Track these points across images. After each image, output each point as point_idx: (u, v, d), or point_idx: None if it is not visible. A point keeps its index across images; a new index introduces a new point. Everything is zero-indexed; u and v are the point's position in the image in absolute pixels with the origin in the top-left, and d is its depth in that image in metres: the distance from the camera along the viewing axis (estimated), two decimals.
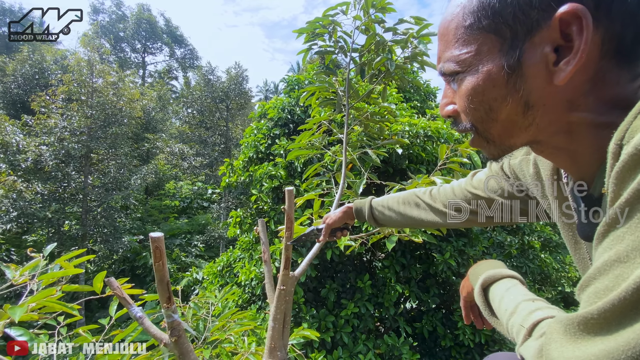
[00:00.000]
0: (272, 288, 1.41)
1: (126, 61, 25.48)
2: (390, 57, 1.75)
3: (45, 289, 1.12)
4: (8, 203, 8.96)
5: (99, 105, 10.28)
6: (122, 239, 10.53)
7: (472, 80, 0.43)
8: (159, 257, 0.88)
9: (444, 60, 0.46)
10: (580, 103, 0.40)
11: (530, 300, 0.50)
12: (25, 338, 0.90)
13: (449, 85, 0.49)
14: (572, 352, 0.32)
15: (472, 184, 0.79)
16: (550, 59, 0.39)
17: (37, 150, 9.56)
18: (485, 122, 0.46)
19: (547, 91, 0.40)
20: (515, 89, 0.41)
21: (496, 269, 0.61)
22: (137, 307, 1.00)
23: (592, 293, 0.31)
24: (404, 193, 0.96)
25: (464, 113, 0.47)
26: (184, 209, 16.59)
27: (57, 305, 0.98)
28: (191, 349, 0.97)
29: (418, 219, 0.90)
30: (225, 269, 5.10)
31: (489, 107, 0.44)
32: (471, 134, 0.50)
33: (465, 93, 0.45)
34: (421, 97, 6.21)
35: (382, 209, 0.97)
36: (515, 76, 0.41)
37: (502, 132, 0.46)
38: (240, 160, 5.23)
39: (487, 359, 0.66)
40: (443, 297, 4.55)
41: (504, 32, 0.40)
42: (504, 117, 0.44)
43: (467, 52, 0.43)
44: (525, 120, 0.43)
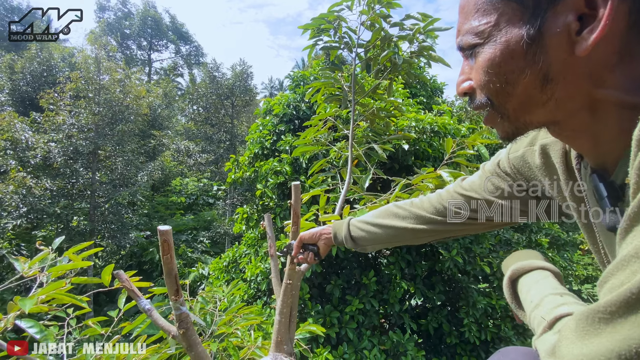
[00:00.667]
0: (278, 282, 1.42)
1: (132, 58, 25.65)
2: (396, 52, 1.73)
3: (55, 281, 1.14)
4: (18, 199, 9.11)
5: (106, 103, 10.38)
6: (129, 234, 10.66)
7: (490, 51, 0.42)
8: (167, 250, 0.89)
9: (463, 33, 0.45)
10: (606, 78, 0.38)
11: (558, 295, 0.49)
12: (35, 330, 0.91)
13: (466, 60, 0.48)
14: (580, 349, 0.31)
15: (463, 186, 0.75)
16: (573, 27, 0.37)
17: (46, 147, 9.69)
18: (501, 96, 0.44)
19: (568, 63, 0.38)
20: (535, 60, 0.39)
21: (527, 260, 0.59)
22: (145, 299, 1.01)
23: (607, 289, 0.30)
24: (382, 207, 0.91)
25: (479, 87, 0.46)
26: (189, 206, 16.73)
27: (67, 298, 1.00)
28: (199, 341, 0.98)
29: (399, 228, 0.82)
30: (231, 265, 5.14)
31: (506, 80, 0.42)
32: (486, 110, 0.48)
33: (483, 65, 0.43)
34: (427, 93, 6.16)
35: (360, 224, 0.90)
36: (535, 47, 0.39)
37: (518, 107, 0.44)
38: (246, 156, 5.24)
39: (500, 353, 0.64)
40: (449, 295, 4.53)
41: (526, 1, 0.39)
42: (521, 91, 0.42)
43: (487, 22, 0.42)
44: (544, 94, 0.41)
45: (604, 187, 0.45)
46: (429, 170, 1.51)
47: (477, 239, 4.41)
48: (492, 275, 4.49)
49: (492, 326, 4.26)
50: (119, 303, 1.31)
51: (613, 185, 0.44)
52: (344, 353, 3.62)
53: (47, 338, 0.90)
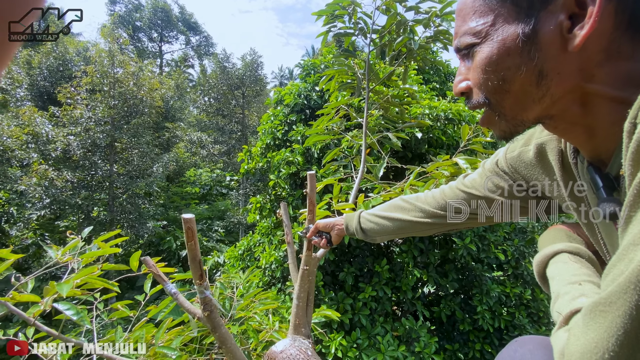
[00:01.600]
0: (295, 268, 1.45)
1: (144, 51, 25.86)
2: (412, 37, 1.70)
3: (85, 267, 1.21)
4: (41, 190, 9.48)
5: (121, 96, 10.57)
6: (146, 224, 10.98)
7: (487, 49, 0.44)
8: (191, 237, 0.93)
9: (461, 35, 0.47)
10: (595, 74, 0.40)
11: (577, 283, 0.49)
12: (72, 312, 0.98)
13: (463, 62, 0.50)
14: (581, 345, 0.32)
15: (465, 183, 0.77)
16: (565, 26, 0.39)
17: (66, 140, 9.99)
18: (498, 94, 0.45)
19: (561, 59, 0.41)
20: (530, 57, 0.41)
21: (549, 247, 0.59)
22: (171, 283, 1.06)
23: (609, 281, 0.31)
24: (389, 201, 0.95)
25: (477, 86, 0.47)
26: (204, 196, 17.06)
27: (99, 282, 1.06)
28: (222, 323, 1.03)
29: (406, 221, 0.86)
30: (245, 253, 5.25)
31: (503, 78, 0.44)
32: (483, 110, 0.50)
33: (480, 64, 0.45)
34: (441, 79, 6.02)
35: (370, 216, 0.95)
36: (530, 44, 0.41)
37: (515, 105, 0.46)
38: (258, 147, 5.28)
39: (517, 343, 0.64)
40: (462, 282, 4.53)
41: (521, 1, 0.41)
42: (518, 88, 0.44)
43: (484, 22, 0.44)
44: (539, 90, 0.43)
45: (599, 177, 0.47)
46: (444, 157, 1.50)
47: (491, 227, 4.36)
48: (507, 264, 4.45)
49: (506, 314, 4.25)
50: (144, 287, 1.38)
51: (608, 176, 0.45)
52: (357, 338, 3.69)
53: (83, 319, 0.96)
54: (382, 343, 3.61)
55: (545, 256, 0.58)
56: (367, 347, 3.63)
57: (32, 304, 1.07)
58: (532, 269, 4.36)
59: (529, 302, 4.31)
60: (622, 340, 0.28)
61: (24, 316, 1.04)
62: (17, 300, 0.95)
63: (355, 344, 3.66)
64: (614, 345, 0.28)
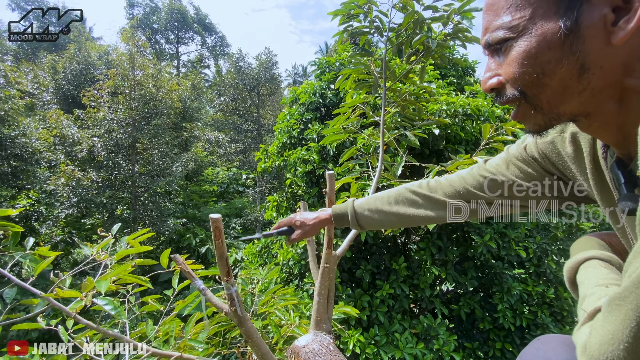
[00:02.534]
0: (315, 265, 1.49)
1: (161, 52, 26.52)
2: (430, 35, 1.69)
3: (117, 263, 1.28)
4: (69, 190, 9.93)
5: (141, 98, 10.90)
6: (167, 221, 11.32)
7: (525, 44, 0.43)
8: (219, 236, 0.98)
9: (492, 30, 0.46)
10: (635, 68, 0.40)
11: (603, 286, 0.49)
12: (110, 307, 1.04)
13: (492, 57, 0.49)
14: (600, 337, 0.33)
15: (487, 168, 0.74)
16: (609, 19, 0.39)
17: (90, 142, 10.41)
18: (535, 87, 0.45)
19: (604, 53, 0.40)
20: (572, 50, 0.41)
21: (579, 254, 0.58)
22: (199, 280, 1.11)
23: (627, 276, 0.32)
24: (392, 191, 0.88)
25: (511, 81, 0.47)
26: (221, 194, 17.41)
27: (132, 278, 1.12)
28: (248, 318, 1.08)
29: (415, 217, 0.82)
30: (263, 250, 5.35)
31: (542, 71, 0.43)
32: (515, 105, 0.49)
33: (517, 58, 0.44)
34: (458, 73, 5.89)
35: (370, 212, 0.89)
36: (572, 37, 0.40)
37: (553, 98, 0.45)
38: (275, 145, 5.35)
39: (540, 341, 0.64)
40: (481, 280, 4.46)
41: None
42: (557, 82, 0.43)
43: (521, 16, 0.43)
44: (580, 84, 0.43)
45: (622, 174, 0.47)
46: (465, 156, 1.49)
47: (512, 224, 4.27)
48: (528, 261, 4.34)
49: (528, 312, 4.16)
50: (172, 283, 1.44)
51: (632, 173, 0.46)
52: (375, 335, 3.71)
53: (121, 314, 1.03)
54: (400, 340, 3.61)
55: (576, 262, 0.58)
56: (385, 344, 3.64)
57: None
58: (554, 267, 4.25)
59: (552, 300, 4.20)
60: (635, 332, 0.29)
61: (65, 310, 1.12)
62: (60, 296, 1.03)
63: (373, 340, 3.67)
64: (628, 336, 0.30)
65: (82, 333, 1.36)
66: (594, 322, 0.37)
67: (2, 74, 9.70)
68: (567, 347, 0.57)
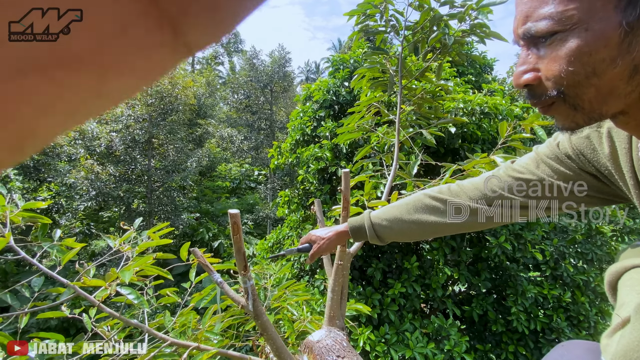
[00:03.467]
0: (329, 263, 1.50)
1: None
2: (447, 32, 1.67)
3: (139, 256, 1.33)
4: (88, 183, 10.25)
5: (157, 94, 11.13)
6: (181, 216, 11.56)
7: (577, 39, 0.39)
8: (237, 231, 1.00)
9: (536, 19, 0.41)
10: None
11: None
12: (133, 296, 1.09)
13: (529, 49, 0.45)
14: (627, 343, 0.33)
15: (515, 168, 0.70)
16: None
17: (108, 137, 10.71)
18: (580, 87, 0.42)
19: None
20: (629, 50, 0.38)
21: (623, 262, 0.56)
22: (217, 273, 1.14)
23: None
24: (409, 199, 0.83)
25: (553, 79, 0.43)
26: (233, 190, 17.64)
27: (154, 270, 1.16)
28: (264, 311, 1.10)
29: (438, 224, 0.76)
30: (275, 246, 5.41)
31: (593, 70, 0.40)
32: (552, 102, 0.46)
33: (566, 54, 0.40)
34: (476, 71, 5.78)
35: (387, 222, 0.83)
36: (632, 36, 0.38)
37: (597, 98, 0.42)
38: (288, 143, 5.39)
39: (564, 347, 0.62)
40: (495, 282, 4.39)
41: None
42: (606, 82, 0.40)
43: (575, 7, 0.39)
44: (628, 86, 0.40)
45: None
46: (482, 155, 1.47)
47: (528, 225, 4.18)
48: (545, 264, 4.25)
49: (543, 316, 4.07)
50: (190, 276, 1.49)
51: None
52: (385, 333, 3.71)
53: (143, 303, 1.07)
54: (410, 339, 3.61)
55: (623, 267, 0.55)
56: (395, 342, 3.64)
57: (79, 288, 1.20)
58: (572, 270, 4.14)
59: (568, 304, 4.11)
60: None
61: (90, 298, 1.17)
62: (87, 285, 1.08)
63: (383, 338, 3.68)
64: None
65: (103, 322, 1.42)
66: (624, 330, 0.36)
67: None
68: (591, 354, 0.55)
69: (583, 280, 4.19)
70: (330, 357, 1.04)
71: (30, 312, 1.21)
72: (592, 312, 4.12)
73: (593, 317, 4.08)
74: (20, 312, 1.24)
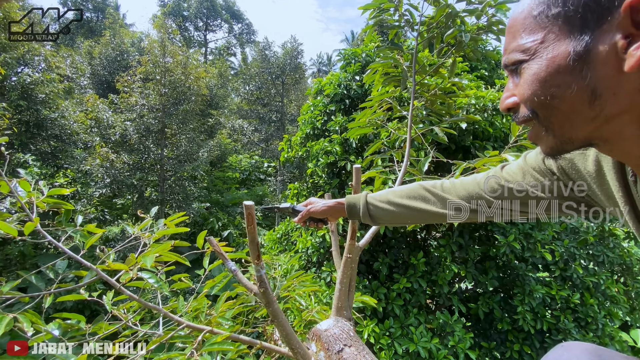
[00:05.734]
0: (338, 255, 1.54)
1: (190, 40, 27.06)
2: (463, 29, 1.66)
3: (155, 242, 1.38)
4: (103, 171, 10.51)
5: (171, 84, 11.26)
6: (192, 205, 11.78)
7: (535, 67, 0.44)
8: (251, 222, 1.04)
9: (509, 52, 0.47)
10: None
11: None
12: (153, 280, 1.15)
13: (511, 78, 0.50)
14: None
15: (504, 177, 0.74)
16: (620, 46, 0.38)
17: (123, 126, 10.91)
18: (547, 109, 0.45)
19: (616, 80, 0.39)
20: (582, 76, 0.41)
21: None
22: (231, 261, 1.19)
23: None
24: (406, 186, 0.91)
25: (525, 102, 0.47)
26: (243, 181, 17.84)
27: (172, 256, 1.22)
28: (275, 299, 1.15)
29: (426, 213, 0.85)
30: (283, 237, 5.49)
31: (552, 94, 0.43)
32: (530, 125, 0.50)
33: (529, 80, 0.45)
34: (490, 66, 5.67)
35: (382, 204, 0.91)
36: (581, 63, 0.40)
37: (564, 122, 0.45)
38: (298, 136, 5.42)
39: (563, 348, 0.63)
40: (503, 281, 4.38)
41: (573, 20, 0.40)
42: (568, 105, 0.43)
43: (534, 40, 0.44)
44: (592, 110, 0.42)
45: None
46: (493, 153, 1.48)
47: (538, 225, 4.14)
48: (554, 265, 4.21)
49: (550, 316, 4.05)
50: (204, 263, 1.55)
51: None
52: (390, 327, 3.76)
53: (162, 287, 1.13)
54: (415, 334, 3.65)
55: None
56: (399, 336, 3.69)
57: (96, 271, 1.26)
58: (582, 272, 4.10)
59: (576, 306, 4.08)
60: None
61: (112, 281, 1.24)
62: (111, 268, 1.14)
63: (387, 332, 3.73)
64: None
65: (121, 305, 1.50)
66: None
67: (43, 58, 10.28)
68: (590, 355, 0.56)
69: (593, 282, 4.14)
70: (338, 345, 1.08)
71: (53, 293, 1.28)
72: (601, 315, 4.08)
73: (601, 320, 4.04)
74: (45, 293, 1.32)
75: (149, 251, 1.16)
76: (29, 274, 1.41)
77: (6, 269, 8.51)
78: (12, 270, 8.43)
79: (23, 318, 1.03)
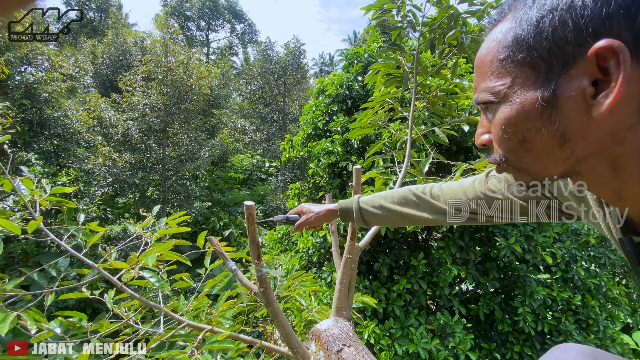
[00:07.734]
0: (338, 256, 1.55)
1: (192, 39, 27.13)
2: (465, 30, 1.67)
3: (157, 241, 1.39)
4: (105, 170, 10.55)
5: (173, 83, 11.29)
6: (193, 204, 11.80)
7: (505, 110, 0.44)
8: (251, 222, 1.05)
9: (480, 91, 0.47)
10: (626, 137, 0.39)
11: None
12: (155, 279, 1.16)
13: (484, 114, 0.50)
14: None
15: (488, 186, 0.75)
16: (588, 92, 0.38)
17: (125, 125, 10.95)
18: (518, 152, 0.45)
19: (585, 124, 0.39)
20: (551, 121, 0.40)
21: None
22: (232, 261, 1.20)
23: None
24: (396, 191, 0.93)
25: (497, 142, 0.48)
26: (245, 180, 17.87)
27: (173, 255, 1.23)
28: (275, 299, 1.15)
29: (417, 218, 0.88)
30: (284, 237, 5.50)
31: (523, 138, 0.44)
32: (503, 169, 0.50)
33: (499, 123, 0.45)
34: None
35: (374, 209, 0.94)
36: (550, 108, 0.40)
37: (536, 163, 0.45)
38: (300, 136, 5.43)
39: (559, 350, 0.63)
40: (503, 282, 4.37)
41: (539, 66, 0.40)
42: (539, 148, 0.43)
43: (502, 84, 0.43)
44: (563, 152, 0.42)
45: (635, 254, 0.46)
46: None
47: (539, 227, 4.13)
48: (555, 266, 4.20)
49: (551, 318, 4.05)
50: (205, 263, 1.56)
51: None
52: (390, 328, 3.76)
53: (164, 286, 1.14)
54: (415, 334, 3.65)
55: None
56: (400, 337, 3.69)
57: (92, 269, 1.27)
58: (583, 274, 4.09)
59: (577, 307, 4.07)
60: None
61: (113, 280, 1.25)
62: (111, 267, 1.15)
63: (388, 332, 3.73)
64: None
65: (122, 303, 1.51)
66: None
67: (46, 57, 10.32)
68: (587, 358, 0.56)
69: (595, 284, 4.13)
70: (337, 345, 1.09)
71: (55, 291, 1.30)
72: (602, 317, 4.07)
73: (602, 322, 4.03)
74: (48, 291, 1.33)
75: (150, 250, 1.16)
76: (31, 271, 1.42)
77: (9, 267, 8.56)
78: (15, 268, 8.48)
79: (26, 316, 1.04)
